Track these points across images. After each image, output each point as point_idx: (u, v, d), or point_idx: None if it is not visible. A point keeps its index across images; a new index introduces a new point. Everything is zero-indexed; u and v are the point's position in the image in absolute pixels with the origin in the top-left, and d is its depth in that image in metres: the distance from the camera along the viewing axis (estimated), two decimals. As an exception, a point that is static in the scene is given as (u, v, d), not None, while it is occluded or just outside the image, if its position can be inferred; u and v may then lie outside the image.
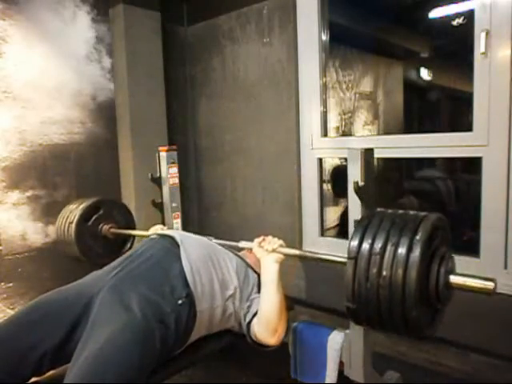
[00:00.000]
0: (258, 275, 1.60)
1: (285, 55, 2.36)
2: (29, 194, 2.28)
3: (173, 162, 2.19)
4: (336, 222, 2.78)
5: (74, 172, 2.45)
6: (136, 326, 1.20)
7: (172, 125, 2.79)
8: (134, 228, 2.03)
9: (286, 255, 1.43)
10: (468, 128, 1.81)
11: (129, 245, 2.04)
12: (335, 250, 2.27)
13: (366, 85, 3.43)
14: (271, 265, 1.42)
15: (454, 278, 0.99)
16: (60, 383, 1.09)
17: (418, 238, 0.91)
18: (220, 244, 1.62)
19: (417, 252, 0.90)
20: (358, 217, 1.20)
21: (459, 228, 2.27)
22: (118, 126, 2.63)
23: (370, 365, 1.48)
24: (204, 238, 1.68)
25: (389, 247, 0.94)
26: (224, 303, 1.46)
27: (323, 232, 2.44)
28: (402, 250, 0.92)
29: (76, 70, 2.45)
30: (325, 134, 2.36)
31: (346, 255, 1.03)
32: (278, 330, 1.40)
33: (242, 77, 2.59)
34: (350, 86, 3.22)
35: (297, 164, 2.39)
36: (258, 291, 1.52)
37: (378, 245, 0.95)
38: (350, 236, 1.05)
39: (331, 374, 1.54)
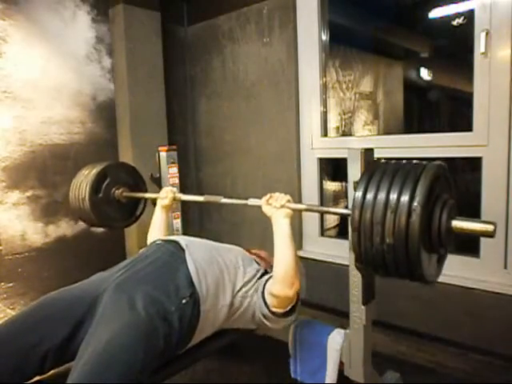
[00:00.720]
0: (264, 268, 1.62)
1: (285, 55, 2.36)
2: (29, 193, 2.28)
3: (173, 162, 2.19)
4: (336, 222, 2.78)
5: (74, 172, 2.41)
6: (139, 324, 1.21)
7: (172, 125, 2.79)
8: (145, 187, 2.08)
9: (294, 210, 1.47)
10: (468, 128, 1.81)
11: (142, 206, 2.07)
12: (335, 249, 2.28)
13: (366, 85, 3.43)
14: (282, 220, 1.44)
15: (455, 223, 1.02)
16: (63, 382, 1.09)
17: (416, 203, 0.94)
18: (229, 203, 1.64)
19: (416, 217, 0.94)
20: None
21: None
22: (117, 126, 2.63)
23: (370, 365, 1.48)
24: (208, 242, 1.70)
25: (388, 214, 0.97)
26: (231, 301, 1.48)
27: (323, 232, 2.44)
28: (401, 217, 0.95)
29: (76, 70, 2.45)
30: (325, 134, 2.36)
31: (349, 210, 1.08)
32: (295, 283, 1.42)
33: (241, 77, 2.59)
34: (349, 85, 3.22)
35: (297, 164, 2.39)
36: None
37: (379, 213, 0.98)
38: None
39: (331, 374, 1.54)
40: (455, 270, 1.88)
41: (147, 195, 1.99)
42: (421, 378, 1.82)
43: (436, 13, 2.36)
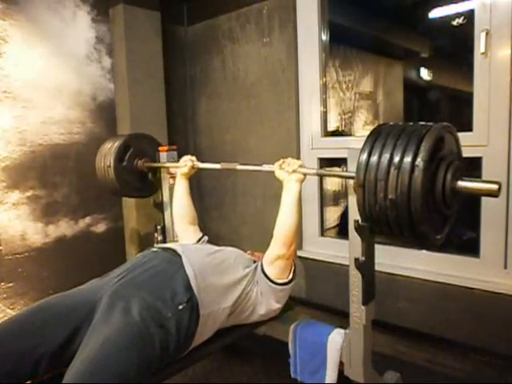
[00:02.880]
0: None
1: (285, 55, 2.36)
2: (29, 193, 2.28)
3: (173, 162, 2.19)
4: (336, 222, 2.78)
5: (74, 172, 2.45)
6: (133, 328, 1.21)
7: (172, 125, 2.79)
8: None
9: (306, 175, 1.53)
10: (468, 128, 1.81)
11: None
12: (335, 249, 2.28)
13: (366, 85, 3.43)
14: (294, 184, 1.51)
15: (460, 183, 1.02)
16: (60, 382, 1.10)
17: (418, 161, 0.95)
18: (245, 169, 1.82)
19: (418, 172, 0.95)
20: (358, 217, 1.21)
21: (459, 228, 2.27)
22: (117, 126, 2.63)
23: (370, 365, 1.48)
24: (205, 246, 1.70)
25: (392, 171, 0.98)
26: (233, 302, 1.48)
27: (323, 232, 2.44)
28: (404, 173, 0.96)
29: (76, 70, 2.45)
30: (325, 134, 2.36)
31: (353, 172, 1.10)
32: (293, 244, 1.50)
33: (242, 77, 2.59)
34: (349, 85, 3.22)
35: (297, 164, 2.38)
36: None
37: (382, 171, 0.99)
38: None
39: (331, 374, 1.55)
40: (455, 270, 1.88)
41: (167, 165, 2.12)
42: (421, 378, 1.82)
43: (436, 13, 2.35)
